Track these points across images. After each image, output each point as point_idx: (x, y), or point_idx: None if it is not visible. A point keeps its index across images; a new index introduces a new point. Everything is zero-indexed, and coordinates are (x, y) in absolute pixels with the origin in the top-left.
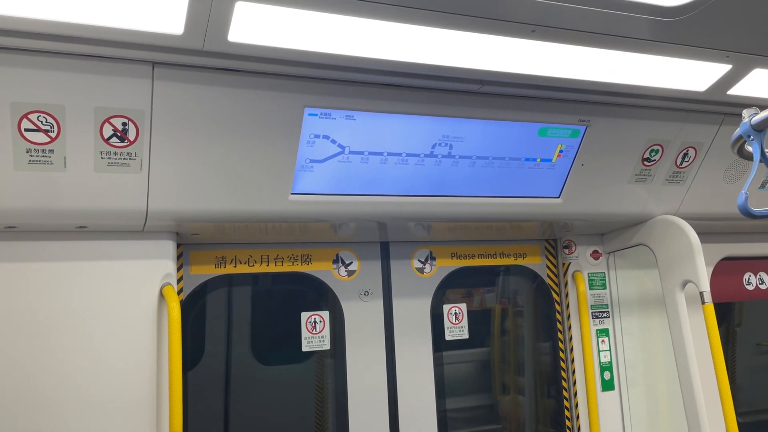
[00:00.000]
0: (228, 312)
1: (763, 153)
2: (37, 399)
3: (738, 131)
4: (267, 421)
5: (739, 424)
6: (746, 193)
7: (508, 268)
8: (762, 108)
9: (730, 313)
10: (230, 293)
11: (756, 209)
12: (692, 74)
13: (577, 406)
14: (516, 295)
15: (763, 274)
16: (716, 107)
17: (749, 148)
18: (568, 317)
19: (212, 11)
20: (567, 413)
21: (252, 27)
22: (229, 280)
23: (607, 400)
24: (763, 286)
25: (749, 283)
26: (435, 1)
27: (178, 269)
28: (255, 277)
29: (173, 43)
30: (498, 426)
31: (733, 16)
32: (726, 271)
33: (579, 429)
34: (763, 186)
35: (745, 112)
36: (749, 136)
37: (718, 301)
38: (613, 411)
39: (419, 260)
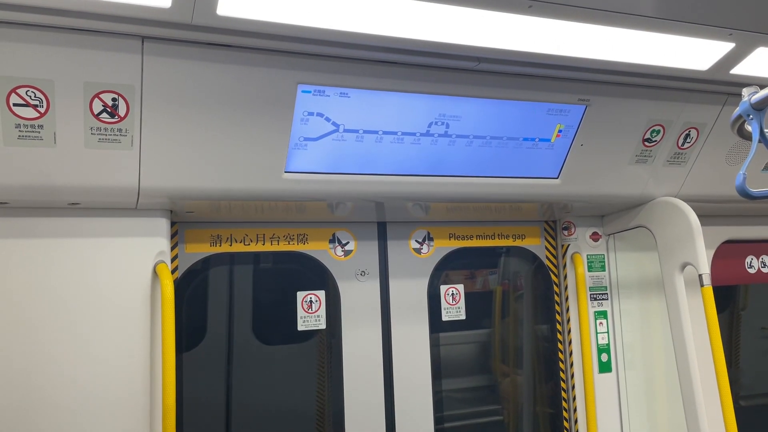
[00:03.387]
0: (223, 290)
1: (762, 133)
2: (27, 378)
3: (737, 110)
4: (264, 402)
5: (743, 408)
6: (744, 174)
7: (506, 250)
8: (762, 87)
9: (736, 296)
10: (225, 272)
11: (755, 190)
12: (694, 53)
13: (574, 387)
14: (514, 277)
15: (765, 257)
16: (719, 87)
17: (749, 128)
18: (567, 299)
19: None
20: (564, 394)
21: (241, 0)
22: (225, 259)
23: (604, 382)
24: (765, 270)
25: (751, 267)
26: None
27: (173, 247)
28: (250, 255)
29: (161, 17)
30: (496, 407)
31: None
32: (728, 254)
33: (575, 410)
34: (767, 168)
35: (745, 91)
36: (749, 116)
37: (720, 284)
38: (609, 393)
39: (416, 241)
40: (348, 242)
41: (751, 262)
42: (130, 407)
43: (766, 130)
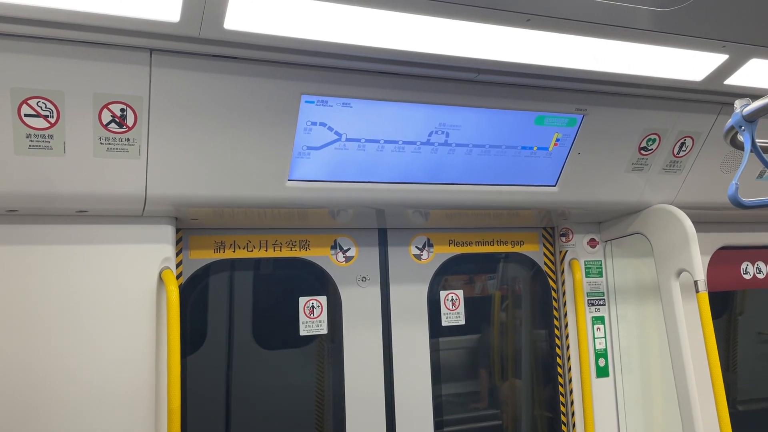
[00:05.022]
0: (226, 296)
1: (754, 143)
2: (35, 381)
3: (730, 122)
4: (266, 406)
5: (741, 412)
6: (737, 183)
7: (505, 256)
8: (754, 98)
9: (732, 301)
10: (229, 278)
11: (746, 199)
12: (689, 64)
13: (571, 392)
14: (513, 283)
15: (760, 264)
16: (713, 97)
17: (741, 139)
18: (565, 304)
19: None
20: (562, 399)
21: (247, 15)
22: (228, 265)
23: (601, 387)
24: (760, 275)
25: (747, 272)
26: None
27: (178, 254)
28: (254, 262)
29: (170, 31)
30: (495, 411)
31: (730, 5)
32: (723, 260)
33: (573, 414)
34: (760, 176)
35: (737, 103)
36: (740, 127)
37: (716, 290)
38: (607, 397)
39: (417, 247)
40: (349, 248)
41: (746, 268)
42: (136, 410)
43: (757, 141)
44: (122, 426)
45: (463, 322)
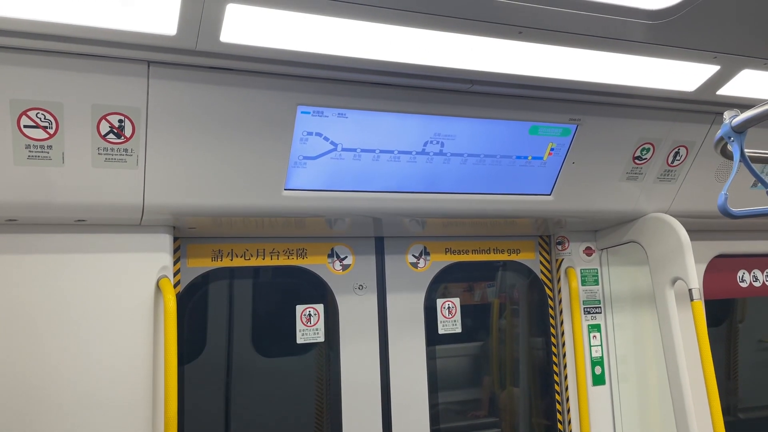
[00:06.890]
0: (224, 304)
1: (743, 154)
2: (33, 389)
3: (719, 133)
4: (264, 414)
5: (742, 420)
6: (726, 194)
7: (502, 264)
8: (745, 109)
9: (733, 309)
10: (226, 286)
11: (737, 209)
12: (681, 75)
13: (568, 400)
14: (510, 291)
15: (757, 272)
16: (707, 107)
17: (731, 149)
18: (561, 312)
19: (204, 13)
20: (558, 407)
21: (243, 28)
22: (226, 273)
23: (597, 395)
24: (757, 284)
25: (743, 281)
26: (424, 3)
27: (176, 262)
28: (251, 270)
29: (167, 43)
30: (493, 419)
31: (720, 17)
32: (720, 268)
33: (570, 423)
34: (754, 185)
35: (726, 114)
36: (730, 138)
37: (712, 297)
38: (603, 405)
39: (413, 255)
40: (346, 257)
41: (743, 276)
42: (133, 418)
43: (746, 151)
44: None
45: (459, 330)
